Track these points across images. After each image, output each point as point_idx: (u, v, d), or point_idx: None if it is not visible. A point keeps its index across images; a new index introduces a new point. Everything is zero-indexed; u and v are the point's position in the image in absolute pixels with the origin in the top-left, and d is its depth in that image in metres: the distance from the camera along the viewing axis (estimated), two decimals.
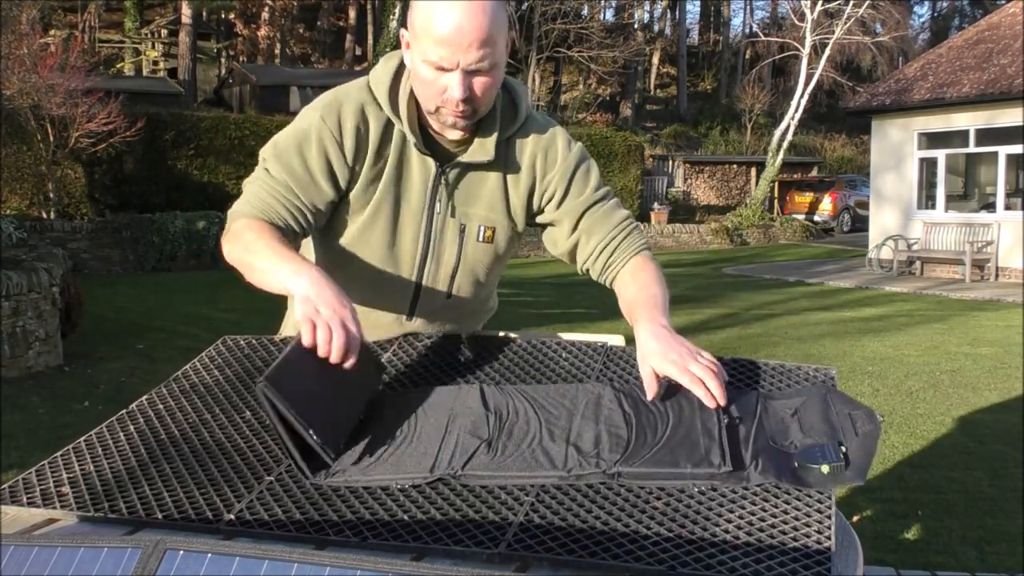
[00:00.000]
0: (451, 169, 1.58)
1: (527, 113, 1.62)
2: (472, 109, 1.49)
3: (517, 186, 1.62)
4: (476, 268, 1.66)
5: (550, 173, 1.61)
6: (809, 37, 22.40)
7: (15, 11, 14.14)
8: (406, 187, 1.59)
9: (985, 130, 14.35)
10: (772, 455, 1.18)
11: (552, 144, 1.62)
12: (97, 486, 1.22)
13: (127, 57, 28.76)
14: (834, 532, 1.04)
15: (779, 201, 24.97)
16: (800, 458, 1.16)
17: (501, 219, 1.63)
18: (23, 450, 4.61)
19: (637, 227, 1.67)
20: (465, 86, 1.44)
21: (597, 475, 1.17)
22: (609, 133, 21.96)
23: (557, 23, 26.80)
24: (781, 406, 1.31)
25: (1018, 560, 3.39)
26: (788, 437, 1.23)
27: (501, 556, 1.03)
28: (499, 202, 1.62)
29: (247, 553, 0.93)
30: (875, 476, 4.40)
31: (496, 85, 1.50)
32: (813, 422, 1.25)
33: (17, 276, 6.27)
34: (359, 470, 1.22)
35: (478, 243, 1.63)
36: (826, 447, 1.17)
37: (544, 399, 1.37)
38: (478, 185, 1.61)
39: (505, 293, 10.32)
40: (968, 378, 6.66)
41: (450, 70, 1.43)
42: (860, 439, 1.21)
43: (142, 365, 6.82)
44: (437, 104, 1.48)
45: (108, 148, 14.14)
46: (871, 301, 11.56)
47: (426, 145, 1.57)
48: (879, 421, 1.24)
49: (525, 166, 1.61)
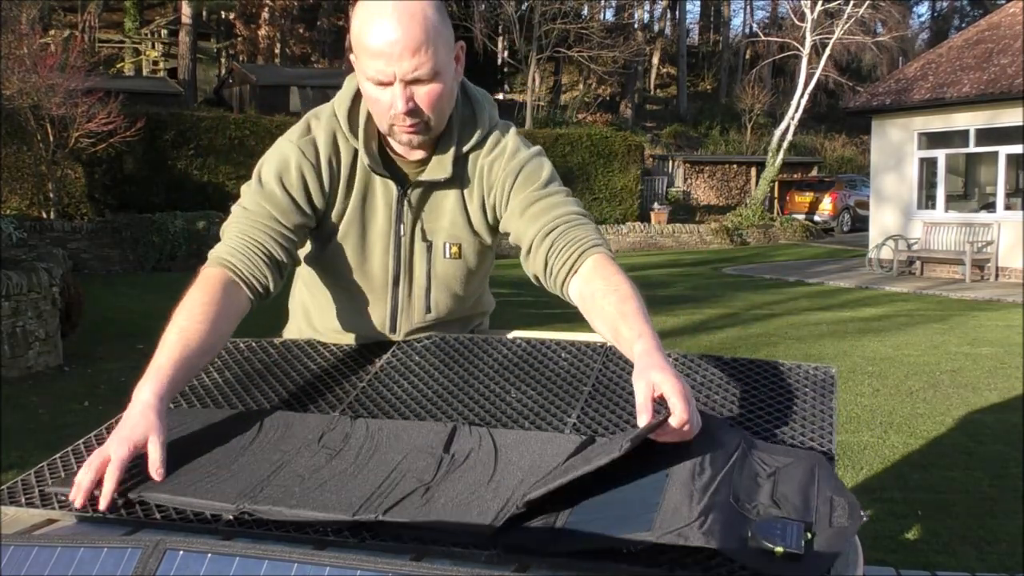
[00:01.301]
0: (412, 190, 1.56)
1: (488, 125, 1.58)
2: (422, 122, 1.45)
3: (472, 201, 1.58)
4: (450, 283, 1.64)
5: (496, 179, 1.56)
6: (809, 37, 22.40)
7: (15, 11, 14.14)
8: (371, 212, 1.57)
9: (985, 130, 14.34)
10: (725, 515, 1.01)
11: (501, 152, 1.56)
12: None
13: (127, 57, 28.75)
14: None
15: (779, 201, 24.96)
16: (756, 529, 0.98)
17: (465, 235, 1.60)
18: (23, 450, 4.61)
19: (591, 223, 1.51)
20: (406, 98, 1.40)
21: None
22: (609, 133, 21.95)
23: (557, 23, 26.78)
24: (761, 460, 1.15)
25: (1018, 560, 3.39)
26: (754, 499, 1.06)
27: (501, 556, 1.02)
28: (460, 217, 1.58)
29: (247, 553, 0.93)
30: (875, 476, 4.41)
31: (444, 94, 1.45)
32: (788, 491, 1.07)
33: (17, 276, 6.27)
34: (287, 503, 1.11)
35: (446, 259, 1.60)
36: (790, 526, 0.98)
37: (516, 446, 1.24)
38: (440, 203, 1.58)
39: (505, 293, 10.29)
40: (968, 378, 6.66)
41: (389, 84, 1.40)
42: (831, 532, 1.00)
43: (142, 365, 6.78)
44: (389, 122, 1.46)
45: (108, 148, 14.14)
46: (871, 301, 11.56)
47: (387, 167, 1.55)
48: (861, 518, 1.02)
49: (476, 179, 1.57)
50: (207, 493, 1.13)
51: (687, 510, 1.01)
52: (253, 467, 1.22)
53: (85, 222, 14.43)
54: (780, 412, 1.37)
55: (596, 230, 1.50)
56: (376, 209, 1.57)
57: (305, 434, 1.32)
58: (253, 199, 1.50)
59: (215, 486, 1.16)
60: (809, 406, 1.39)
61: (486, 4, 28.70)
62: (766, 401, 1.40)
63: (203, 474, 1.20)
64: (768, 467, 1.13)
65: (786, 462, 1.15)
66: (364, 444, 1.28)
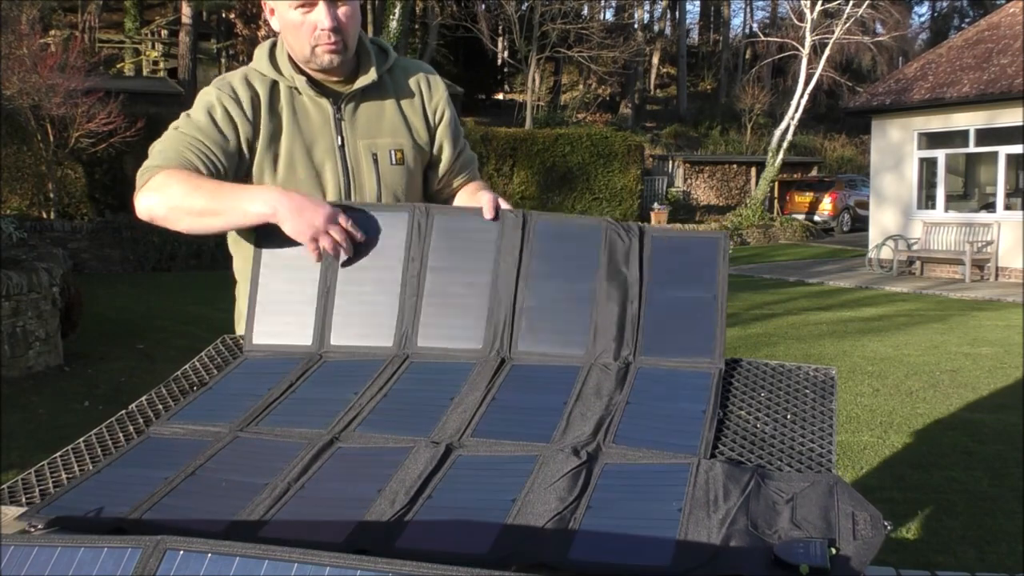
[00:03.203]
0: (346, 104, 1.78)
1: (398, 56, 1.86)
2: (342, 41, 1.70)
3: (412, 105, 1.84)
4: (397, 192, 1.82)
5: (436, 95, 1.86)
6: (809, 37, 22.39)
7: (15, 11, 14.13)
8: (309, 132, 1.76)
9: (985, 130, 14.34)
10: (746, 542, 1.02)
11: (433, 76, 1.88)
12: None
13: (127, 57, 28.75)
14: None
15: (779, 201, 24.95)
16: (779, 551, 0.99)
17: (406, 141, 1.82)
18: (23, 450, 4.62)
19: (476, 168, 2.00)
20: (332, 15, 1.67)
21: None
22: (609, 133, 21.94)
23: (557, 23, 26.78)
24: (776, 488, 1.15)
25: (1018, 560, 3.39)
26: (774, 526, 1.06)
27: (501, 556, 1.02)
28: (400, 126, 1.82)
29: (247, 553, 0.93)
30: (875, 476, 4.41)
31: (357, 15, 1.73)
32: (808, 514, 1.08)
33: (17, 276, 6.27)
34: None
35: (392, 166, 1.81)
36: (812, 544, 0.99)
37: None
38: (378, 115, 1.80)
39: None
40: (968, 378, 6.66)
41: (314, 4, 1.66)
42: (856, 544, 1.01)
43: (142, 365, 6.82)
44: (312, 44, 1.69)
45: (108, 148, 14.12)
46: (871, 301, 11.56)
47: (316, 92, 1.75)
48: (885, 529, 1.04)
49: (413, 87, 1.84)
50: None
51: (706, 541, 1.02)
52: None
53: (85, 222, 14.42)
54: (780, 413, 1.37)
55: (479, 174, 1.99)
56: (315, 130, 1.76)
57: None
58: (182, 125, 1.72)
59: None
60: (809, 407, 1.39)
61: (486, 4, 28.70)
62: (766, 402, 1.40)
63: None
64: (785, 494, 1.14)
65: (803, 487, 1.15)
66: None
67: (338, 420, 1.35)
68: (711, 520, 1.07)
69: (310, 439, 1.30)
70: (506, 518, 1.09)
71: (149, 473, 1.24)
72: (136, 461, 1.28)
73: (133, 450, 1.31)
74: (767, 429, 1.32)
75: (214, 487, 1.20)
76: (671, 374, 1.44)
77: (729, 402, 1.40)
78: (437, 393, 1.41)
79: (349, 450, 1.28)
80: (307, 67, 1.75)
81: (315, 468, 1.23)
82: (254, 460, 1.26)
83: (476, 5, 28.08)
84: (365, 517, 1.10)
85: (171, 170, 1.61)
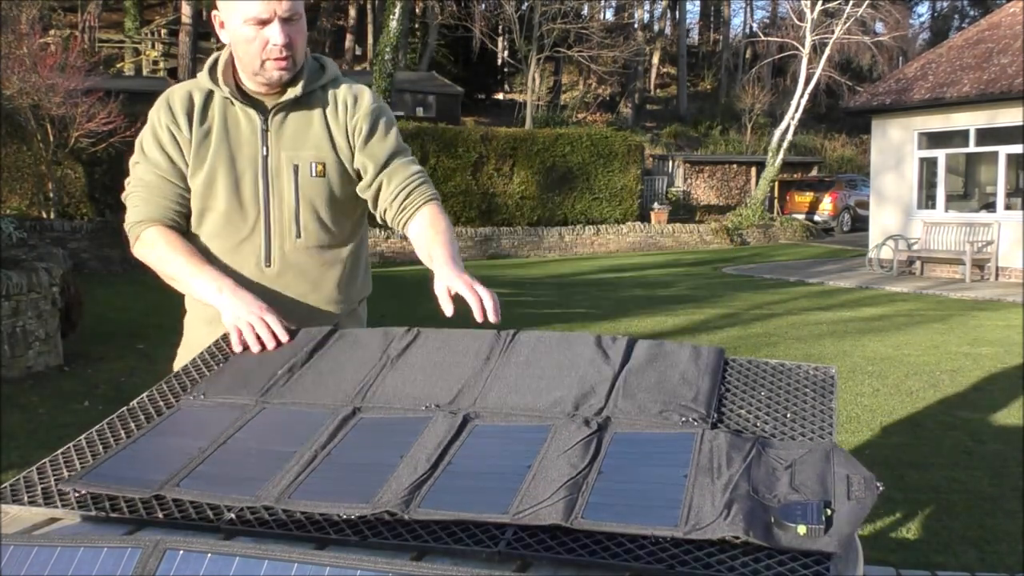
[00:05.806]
0: (274, 116, 1.83)
1: (337, 73, 1.91)
2: (292, 58, 1.77)
3: (336, 121, 1.87)
4: (316, 204, 1.86)
5: (359, 112, 1.88)
6: (809, 37, 22.39)
7: (15, 11, 14.13)
8: (237, 141, 1.83)
9: (985, 130, 14.34)
10: (748, 505, 1.09)
11: (361, 93, 1.91)
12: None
13: (127, 57, 28.75)
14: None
15: (779, 201, 24.96)
16: (778, 514, 1.07)
17: (329, 155, 1.86)
18: (23, 450, 4.62)
19: (428, 180, 1.94)
20: (285, 33, 1.74)
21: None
22: (609, 133, 21.92)
23: (557, 23, 26.79)
24: (776, 455, 1.22)
25: (1018, 560, 3.39)
26: (774, 490, 1.14)
27: (501, 555, 1.03)
28: (324, 140, 1.86)
29: (247, 553, 0.93)
30: (875, 476, 4.40)
31: (304, 33, 1.80)
32: (806, 479, 1.16)
33: (17, 276, 6.27)
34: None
35: (312, 178, 1.84)
36: (809, 505, 1.08)
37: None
38: (304, 128, 1.85)
39: (505, 293, 10.23)
40: (968, 378, 6.66)
41: (269, 20, 1.72)
42: (850, 505, 1.10)
43: (142, 365, 6.82)
44: (262, 59, 1.76)
45: (108, 148, 14.11)
46: (871, 301, 11.56)
47: (249, 103, 1.82)
48: (877, 489, 1.14)
49: (340, 105, 1.88)
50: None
51: (710, 507, 1.08)
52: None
53: (85, 222, 14.41)
54: (780, 412, 1.37)
55: (431, 185, 1.93)
56: (242, 139, 1.83)
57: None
58: (144, 168, 1.85)
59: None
60: (809, 406, 1.39)
61: (486, 4, 28.69)
62: (766, 401, 1.40)
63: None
64: (784, 460, 1.21)
65: (801, 453, 1.23)
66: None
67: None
68: (715, 485, 1.13)
69: (334, 408, 1.41)
70: (522, 483, 1.15)
71: (184, 442, 1.32)
72: (170, 430, 1.37)
73: (165, 420, 1.41)
74: (767, 428, 1.32)
75: (247, 454, 1.28)
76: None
77: (729, 401, 1.40)
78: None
79: (369, 420, 1.37)
80: (253, 79, 1.82)
81: (340, 436, 1.32)
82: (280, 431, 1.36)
83: (474, 6, 28.06)
84: (388, 481, 1.17)
85: (157, 228, 1.83)
